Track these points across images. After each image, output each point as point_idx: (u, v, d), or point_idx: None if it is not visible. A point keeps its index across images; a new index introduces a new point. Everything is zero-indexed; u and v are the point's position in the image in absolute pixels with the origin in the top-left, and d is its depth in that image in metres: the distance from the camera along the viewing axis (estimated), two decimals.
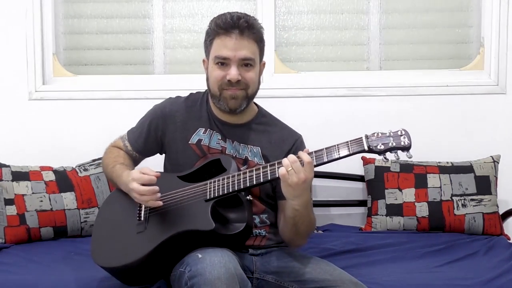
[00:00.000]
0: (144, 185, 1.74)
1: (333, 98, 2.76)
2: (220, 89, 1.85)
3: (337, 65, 2.86)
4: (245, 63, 1.83)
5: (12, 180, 2.42)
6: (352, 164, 2.65)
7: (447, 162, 2.60)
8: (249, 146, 1.93)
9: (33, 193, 2.42)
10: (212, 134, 1.93)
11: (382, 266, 2.15)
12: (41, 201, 2.41)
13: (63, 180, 2.49)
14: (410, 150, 1.61)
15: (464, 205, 2.49)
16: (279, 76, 2.78)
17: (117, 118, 2.75)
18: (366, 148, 1.60)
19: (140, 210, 1.83)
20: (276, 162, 1.70)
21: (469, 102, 2.75)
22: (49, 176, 2.49)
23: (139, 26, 2.87)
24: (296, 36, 2.86)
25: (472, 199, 2.50)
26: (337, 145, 1.64)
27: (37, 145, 2.76)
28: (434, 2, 2.83)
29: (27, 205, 2.39)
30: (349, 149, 1.62)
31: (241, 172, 1.73)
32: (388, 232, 2.49)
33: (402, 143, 1.60)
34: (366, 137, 1.62)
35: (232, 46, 1.80)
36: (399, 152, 1.62)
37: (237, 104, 1.87)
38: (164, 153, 2.03)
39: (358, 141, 1.62)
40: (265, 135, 1.96)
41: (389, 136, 1.62)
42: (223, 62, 1.83)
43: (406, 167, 2.57)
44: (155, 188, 1.73)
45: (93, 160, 2.60)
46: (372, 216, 2.55)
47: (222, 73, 1.83)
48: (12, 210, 2.37)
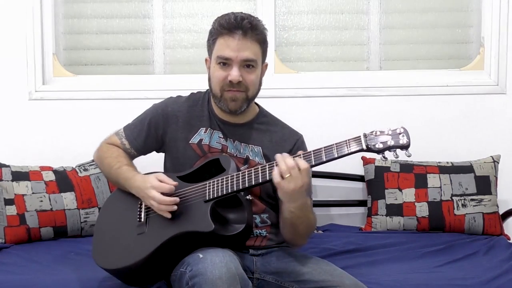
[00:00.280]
0: (163, 194, 1.75)
1: (333, 98, 2.76)
2: (222, 90, 1.85)
3: (337, 65, 2.86)
4: (247, 64, 1.83)
5: (12, 180, 2.42)
6: (352, 164, 2.65)
7: (447, 162, 2.60)
8: (250, 145, 1.92)
9: (33, 193, 2.42)
10: (212, 133, 1.93)
11: (382, 266, 2.15)
12: (41, 201, 2.41)
13: (63, 180, 2.49)
14: (409, 149, 1.60)
15: (464, 205, 2.49)
16: (279, 76, 2.78)
17: (117, 118, 2.72)
18: (364, 147, 1.60)
19: (140, 211, 1.83)
20: (274, 162, 1.69)
21: (469, 102, 2.75)
22: (49, 176, 2.49)
23: (139, 26, 2.87)
24: (296, 36, 2.85)
25: (472, 199, 2.50)
26: (336, 144, 1.64)
27: (37, 145, 2.76)
28: (434, 2, 2.83)
29: (27, 205, 2.39)
30: (347, 148, 1.62)
31: (240, 172, 1.73)
32: (388, 232, 2.49)
33: (401, 142, 1.58)
34: (365, 135, 1.61)
35: (235, 47, 1.80)
36: (398, 150, 1.60)
37: (237, 106, 1.86)
38: (163, 152, 2.02)
39: (357, 140, 1.62)
40: (266, 134, 1.96)
41: (387, 134, 1.60)
42: (225, 63, 1.82)
43: (406, 167, 2.57)
44: (176, 199, 1.75)
45: (93, 160, 2.59)
46: (372, 216, 2.55)
47: (223, 73, 1.83)
48: (12, 210, 2.37)
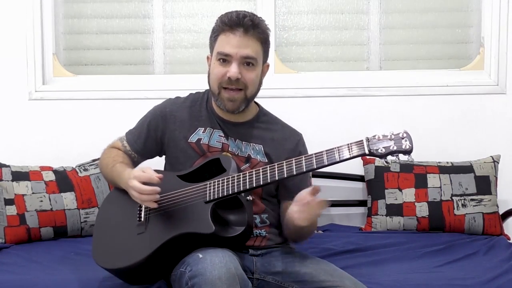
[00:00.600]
0: (144, 184, 1.73)
1: (333, 98, 2.76)
2: (220, 87, 1.84)
3: (337, 65, 2.86)
4: (247, 62, 1.82)
5: (12, 180, 2.42)
6: (352, 164, 2.61)
7: (447, 162, 2.60)
8: (251, 144, 1.92)
9: (33, 193, 2.42)
10: (212, 133, 1.93)
11: (382, 266, 2.15)
12: (41, 201, 2.41)
13: (63, 180, 2.49)
14: (411, 154, 1.59)
15: (464, 205, 2.49)
16: (279, 76, 2.78)
17: (117, 118, 2.75)
18: (366, 151, 1.59)
19: (140, 211, 1.83)
20: (276, 164, 1.69)
21: (469, 102, 2.75)
22: (49, 176, 2.48)
23: (139, 26, 2.87)
24: (296, 36, 2.85)
25: (472, 199, 2.50)
26: (338, 148, 1.63)
27: (37, 145, 2.76)
28: (434, 2, 2.83)
29: (27, 205, 2.39)
30: (349, 152, 1.61)
31: (241, 173, 1.72)
32: (388, 232, 2.49)
33: (404, 147, 1.57)
34: (367, 140, 1.60)
35: (235, 44, 1.79)
36: (401, 155, 1.59)
37: (235, 107, 1.86)
38: (164, 155, 2.01)
39: (359, 144, 1.61)
40: (267, 133, 1.96)
41: (390, 139, 1.59)
42: (225, 59, 1.82)
43: (406, 167, 2.57)
44: (155, 189, 1.72)
45: (93, 160, 2.60)
46: (372, 216, 2.55)
47: (223, 70, 1.82)
48: (12, 210, 2.37)
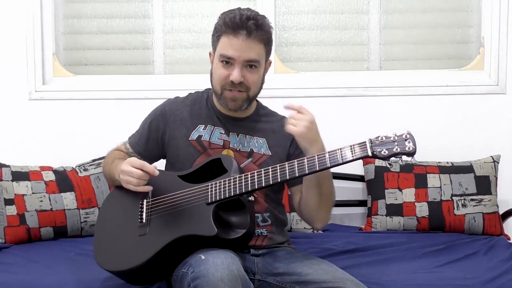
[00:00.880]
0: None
1: (333, 98, 2.76)
2: (222, 88, 1.85)
3: (337, 65, 2.86)
4: (250, 65, 1.82)
5: (12, 180, 2.42)
6: (352, 164, 2.60)
7: (447, 162, 2.60)
8: (255, 137, 1.93)
9: (33, 193, 2.42)
10: (213, 130, 1.93)
11: (382, 266, 2.15)
12: (41, 201, 2.41)
13: (63, 180, 2.49)
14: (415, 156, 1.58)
15: (464, 205, 2.49)
16: (279, 76, 2.78)
17: (117, 118, 2.75)
18: (369, 153, 1.58)
19: (141, 212, 1.82)
20: (278, 165, 1.69)
21: (469, 102, 2.75)
22: (49, 176, 2.48)
23: (139, 26, 2.87)
24: (296, 36, 2.85)
25: (472, 199, 2.50)
26: (340, 149, 1.62)
27: (37, 145, 2.76)
28: (434, 2, 2.83)
29: (27, 205, 2.39)
30: (352, 154, 1.60)
31: (243, 174, 1.72)
32: (388, 232, 2.49)
33: (407, 149, 1.56)
34: (370, 141, 1.59)
35: (238, 47, 1.79)
36: (404, 156, 1.58)
37: (237, 106, 1.87)
38: (166, 154, 2.01)
39: (362, 145, 1.60)
40: (268, 125, 1.97)
41: (393, 141, 1.58)
42: (228, 61, 1.82)
43: (406, 167, 2.57)
44: (150, 170, 1.74)
45: (93, 160, 2.60)
46: (372, 216, 2.55)
47: (225, 72, 1.82)
48: (12, 210, 2.37)
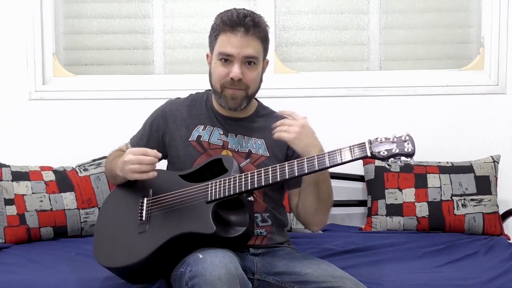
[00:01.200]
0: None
1: (333, 98, 2.76)
2: (222, 86, 1.86)
3: (337, 65, 2.86)
4: (249, 61, 1.83)
5: (12, 180, 2.42)
6: (352, 164, 2.59)
7: (447, 162, 2.60)
8: (253, 138, 1.93)
9: (33, 193, 2.42)
10: (212, 131, 1.93)
11: (382, 266, 2.14)
12: (41, 201, 2.41)
13: (63, 180, 2.49)
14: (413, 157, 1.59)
15: (464, 205, 2.49)
16: (279, 76, 2.78)
17: (117, 118, 2.75)
18: (369, 154, 1.59)
19: (141, 210, 1.83)
20: (278, 165, 1.69)
21: (469, 102, 2.75)
22: (49, 176, 2.48)
23: (139, 26, 2.87)
24: (296, 36, 2.85)
25: (472, 199, 2.50)
26: (340, 150, 1.63)
27: (37, 145, 2.76)
28: (434, 2, 2.83)
29: (27, 205, 2.39)
30: (351, 154, 1.61)
31: (243, 174, 1.73)
32: (388, 232, 2.49)
33: (406, 150, 1.57)
34: (369, 142, 1.61)
35: (237, 44, 1.80)
36: (402, 157, 1.59)
37: (237, 104, 1.88)
38: (167, 155, 2.02)
39: (361, 146, 1.61)
40: (267, 126, 1.96)
41: (392, 142, 1.59)
42: (227, 59, 1.83)
43: (406, 167, 2.57)
44: (154, 156, 1.75)
45: (93, 160, 2.60)
46: (372, 216, 2.55)
47: (225, 70, 1.83)
48: (12, 210, 2.37)
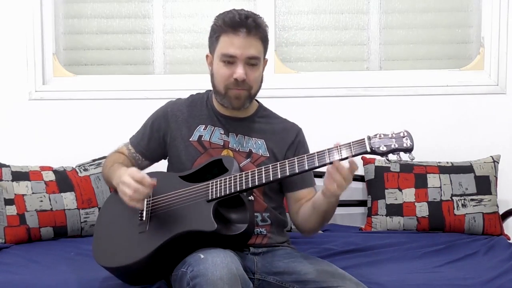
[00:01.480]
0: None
1: (333, 98, 2.76)
2: (226, 88, 1.86)
3: (337, 65, 2.86)
4: (251, 63, 1.84)
5: (12, 180, 2.42)
6: None
7: (447, 162, 2.60)
8: (253, 138, 1.94)
9: (33, 193, 2.42)
10: (213, 130, 1.94)
11: (382, 266, 2.14)
12: (41, 201, 2.41)
13: (63, 180, 2.49)
14: (412, 152, 1.61)
15: (464, 205, 2.49)
16: (279, 76, 2.78)
17: (117, 118, 2.75)
18: (368, 149, 1.60)
19: (142, 210, 1.83)
20: (278, 163, 1.70)
21: (469, 102, 2.75)
22: (49, 176, 2.48)
23: (139, 26, 2.87)
24: (296, 36, 2.86)
25: (472, 199, 2.50)
26: (340, 146, 1.64)
27: (37, 145, 2.76)
28: (434, 2, 2.83)
29: (27, 205, 2.39)
30: (351, 150, 1.62)
31: (243, 172, 1.73)
32: (388, 232, 2.49)
33: (405, 145, 1.60)
34: (369, 138, 1.62)
35: (240, 45, 1.81)
36: (402, 153, 1.61)
37: (241, 104, 1.89)
38: (167, 155, 2.02)
39: (361, 142, 1.62)
40: (268, 127, 1.97)
41: (391, 137, 1.61)
42: (230, 61, 1.83)
43: (406, 167, 2.57)
44: (150, 184, 1.71)
45: (93, 160, 2.60)
46: (372, 216, 2.55)
47: (228, 71, 1.84)
48: (12, 210, 2.37)
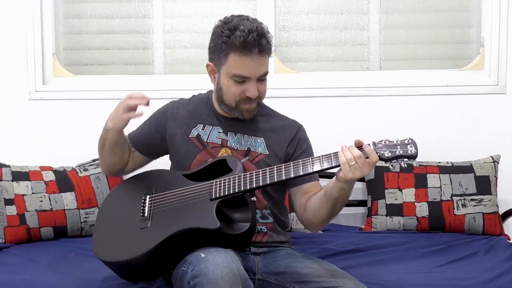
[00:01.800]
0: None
1: (333, 98, 2.76)
2: (237, 103, 1.87)
3: (337, 65, 2.86)
4: (262, 78, 1.85)
5: (12, 180, 2.42)
6: None
7: (447, 162, 2.60)
8: (252, 136, 1.94)
9: (33, 193, 2.42)
10: (211, 130, 1.95)
11: (382, 266, 2.14)
12: (41, 201, 2.41)
13: (63, 180, 2.49)
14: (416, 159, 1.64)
15: (464, 205, 2.49)
16: (279, 76, 2.78)
17: None
18: None
19: (144, 206, 1.83)
20: (283, 165, 1.71)
21: (469, 102, 2.75)
22: (49, 176, 2.48)
23: (139, 26, 2.87)
24: (296, 36, 2.85)
25: (472, 199, 2.50)
26: (347, 148, 1.65)
27: (37, 145, 2.76)
28: (434, 2, 2.83)
29: (27, 205, 2.39)
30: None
31: (248, 173, 1.74)
32: (388, 232, 2.49)
33: (409, 152, 1.64)
34: (374, 144, 1.65)
35: (252, 66, 1.80)
36: (405, 160, 1.66)
37: (252, 115, 1.91)
38: (166, 153, 2.02)
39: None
40: (267, 125, 1.98)
41: (396, 144, 1.65)
42: (241, 80, 1.82)
43: (406, 167, 2.54)
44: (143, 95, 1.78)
45: (93, 160, 2.60)
46: (372, 216, 2.55)
47: (240, 89, 1.83)
48: (12, 210, 2.37)
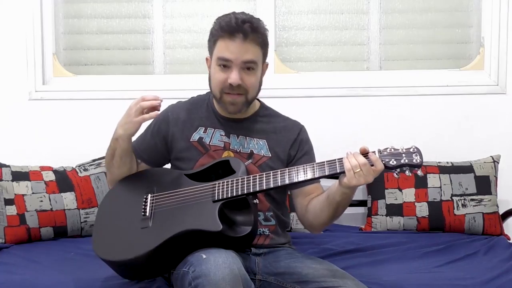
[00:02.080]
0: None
1: (333, 98, 2.76)
2: (221, 92, 1.85)
3: (337, 65, 2.86)
4: (247, 67, 1.83)
5: (12, 180, 2.42)
6: None
7: (447, 162, 2.60)
8: (255, 139, 1.93)
9: (33, 193, 2.42)
10: (213, 132, 1.94)
11: (382, 266, 2.15)
12: (41, 201, 2.41)
13: (63, 180, 2.49)
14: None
15: (464, 205, 2.49)
16: (279, 76, 2.78)
17: (117, 118, 2.71)
18: None
19: (145, 205, 1.82)
20: (287, 169, 1.72)
21: (469, 102, 2.75)
22: (49, 176, 2.48)
23: (139, 26, 2.87)
24: (296, 36, 2.85)
25: (472, 199, 2.50)
26: (352, 154, 1.65)
27: (37, 145, 2.76)
28: (434, 2, 2.83)
29: (27, 205, 2.39)
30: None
31: (251, 175, 1.74)
32: (388, 232, 2.49)
33: (414, 161, 1.64)
34: (379, 151, 1.65)
35: (235, 50, 1.80)
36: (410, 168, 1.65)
37: (237, 109, 1.88)
38: (170, 157, 2.02)
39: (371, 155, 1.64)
40: (269, 126, 1.97)
41: (401, 152, 1.65)
42: (225, 65, 1.82)
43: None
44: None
45: (93, 160, 2.60)
46: (372, 216, 2.55)
47: (223, 75, 1.83)
48: (12, 210, 2.37)
